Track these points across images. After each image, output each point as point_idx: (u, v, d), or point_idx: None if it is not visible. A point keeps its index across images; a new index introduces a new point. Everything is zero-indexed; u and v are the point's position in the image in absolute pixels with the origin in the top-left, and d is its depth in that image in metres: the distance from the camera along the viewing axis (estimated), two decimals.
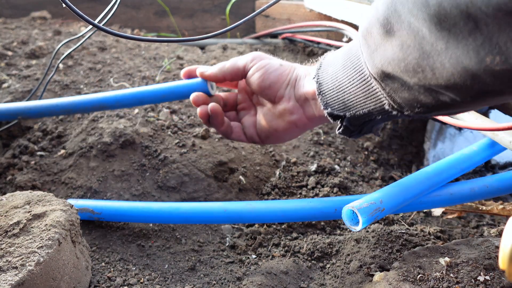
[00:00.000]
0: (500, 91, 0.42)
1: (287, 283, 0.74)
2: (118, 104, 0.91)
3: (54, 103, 0.92)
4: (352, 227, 0.66)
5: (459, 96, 0.45)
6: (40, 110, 0.93)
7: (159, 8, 1.81)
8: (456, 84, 0.43)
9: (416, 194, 0.74)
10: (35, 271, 0.57)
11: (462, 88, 0.43)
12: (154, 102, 0.93)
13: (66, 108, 0.92)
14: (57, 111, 0.93)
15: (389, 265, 0.72)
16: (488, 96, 0.44)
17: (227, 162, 0.99)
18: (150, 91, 0.90)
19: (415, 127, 1.18)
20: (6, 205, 0.69)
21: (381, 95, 0.53)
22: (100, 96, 0.91)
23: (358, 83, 0.55)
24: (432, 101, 0.48)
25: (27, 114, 0.93)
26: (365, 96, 0.55)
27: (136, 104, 0.92)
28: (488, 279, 0.60)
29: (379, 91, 0.53)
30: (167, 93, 0.89)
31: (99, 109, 0.92)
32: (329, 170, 1.03)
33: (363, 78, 0.54)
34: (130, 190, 0.92)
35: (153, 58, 1.40)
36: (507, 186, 0.80)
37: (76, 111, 0.93)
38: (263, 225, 0.91)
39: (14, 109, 0.94)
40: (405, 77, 0.48)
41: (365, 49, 0.52)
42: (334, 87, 0.59)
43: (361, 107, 0.57)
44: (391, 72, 0.49)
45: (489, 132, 0.83)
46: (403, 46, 0.46)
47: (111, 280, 0.75)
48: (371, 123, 0.60)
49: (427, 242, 0.77)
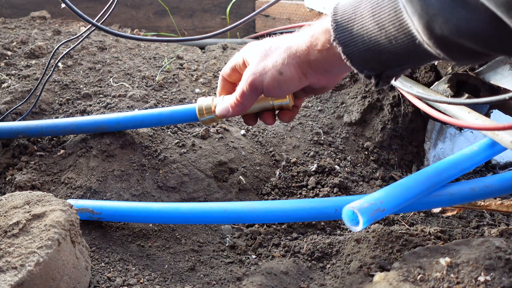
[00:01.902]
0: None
1: (287, 283, 0.74)
2: (119, 126, 0.94)
3: (55, 123, 0.95)
4: (352, 227, 0.66)
5: None
6: (41, 130, 0.96)
7: (159, 8, 1.81)
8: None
9: (417, 194, 0.74)
10: (35, 271, 0.57)
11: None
12: (155, 125, 0.96)
13: (67, 128, 0.95)
14: (58, 131, 0.96)
15: (389, 265, 0.71)
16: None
17: (227, 162, 0.99)
18: (151, 115, 0.93)
19: (415, 127, 1.17)
20: (5, 205, 0.69)
21: (431, 51, 0.50)
22: (101, 118, 0.94)
23: (402, 43, 0.51)
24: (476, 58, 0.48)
25: (27, 133, 0.96)
26: (408, 54, 0.52)
27: (137, 127, 0.95)
28: (489, 279, 0.59)
29: (430, 49, 0.49)
30: (167, 117, 0.91)
31: (100, 130, 0.94)
32: (329, 170, 1.03)
33: (410, 40, 0.50)
34: (130, 190, 0.92)
35: (152, 58, 1.40)
36: (507, 186, 0.80)
37: (77, 131, 0.95)
38: (263, 225, 0.91)
39: (15, 128, 0.97)
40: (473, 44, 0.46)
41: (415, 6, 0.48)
42: (368, 48, 0.54)
43: (403, 62, 0.54)
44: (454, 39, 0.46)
45: (490, 132, 0.83)
46: None
47: (111, 280, 0.75)
48: (406, 70, 0.58)
49: (428, 242, 0.77)
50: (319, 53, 0.61)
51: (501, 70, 0.90)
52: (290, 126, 1.15)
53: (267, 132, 1.11)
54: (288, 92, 0.68)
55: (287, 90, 0.67)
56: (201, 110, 0.77)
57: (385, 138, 1.17)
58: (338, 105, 1.23)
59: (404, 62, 0.54)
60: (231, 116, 0.73)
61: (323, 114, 1.22)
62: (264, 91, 0.67)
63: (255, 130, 1.10)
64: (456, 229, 0.92)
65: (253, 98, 0.70)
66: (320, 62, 0.62)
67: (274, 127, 1.13)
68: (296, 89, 0.67)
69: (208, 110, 0.77)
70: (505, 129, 0.66)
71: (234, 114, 0.73)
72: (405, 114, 1.16)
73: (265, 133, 1.10)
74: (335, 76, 0.68)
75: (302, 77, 0.65)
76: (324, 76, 0.65)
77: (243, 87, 0.68)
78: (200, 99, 0.79)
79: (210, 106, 0.77)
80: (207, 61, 1.42)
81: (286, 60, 0.64)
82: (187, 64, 1.36)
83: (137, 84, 1.19)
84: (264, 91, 0.67)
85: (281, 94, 0.68)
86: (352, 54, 0.55)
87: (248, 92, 0.68)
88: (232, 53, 1.49)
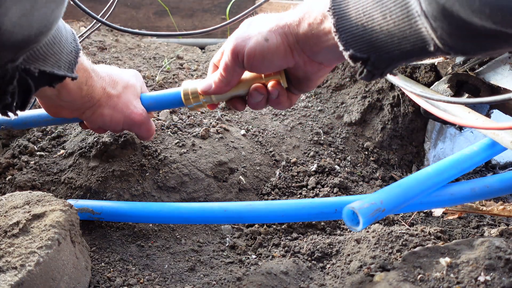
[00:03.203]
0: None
1: (287, 283, 0.74)
2: None
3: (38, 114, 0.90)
4: (352, 227, 0.66)
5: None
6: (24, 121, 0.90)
7: (159, 7, 1.81)
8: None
9: (417, 194, 0.74)
10: (35, 271, 0.57)
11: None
12: None
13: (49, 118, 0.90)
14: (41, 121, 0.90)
15: (389, 265, 0.71)
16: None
17: (227, 162, 0.99)
18: None
19: (415, 127, 1.17)
20: (5, 205, 0.69)
21: (426, 36, 0.45)
22: None
23: (396, 20, 0.46)
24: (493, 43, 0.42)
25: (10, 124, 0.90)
26: (402, 36, 0.47)
27: None
28: (489, 279, 0.59)
29: (424, 31, 0.45)
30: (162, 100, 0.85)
31: None
32: (329, 170, 1.03)
33: (406, 15, 0.45)
34: (130, 190, 0.92)
35: (152, 58, 1.40)
36: (507, 186, 0.80)
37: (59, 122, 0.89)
38: (263, 225, 0.91)
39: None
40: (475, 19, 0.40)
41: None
42: (360, 24, 0.49)
43: (393, 48, 0.48)
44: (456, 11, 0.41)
45: (490, 132, 0.83)
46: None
47: (111, 281, 0.75)
48: (398, 64, 0.51)
49: (428, 242, 0.77)
50: (309, 27, 0.57)
51: (501, 70, 0.90)
52: (290, 126, 1.15)
53: (267, 132, 1.11)
54: (272, 65, 0.62)
55: (271, 62, 0.61)
56: (186, 95, 0.72)
57: (385, 138, 1.17)
58: (338, 105, 1.23)
59: (395, 48, 0.49)
60: (215, 92, 0.68)
61: (323, 114, 1.22)
62: (245, 60, 0.62)
63: (255, 130, 1.10)
64: (456, 229, 0.92)
65: (237, 71, 0.64)
66: (309, 38, 0.58)
67: (274, 127, 1.13)
68: (280, 64, 0.62)
69: (195, 95, 0.71)
70: (505, 129, 0.66)
71: (218, 91, 0.67)
72: (405, 114, 1.16)
73: (265, 133, 1.10)
74: (320, 66, 0.62)
75: (288, 52, 0.60)
76: (310, 61, 0.61)
77: (225, 58, 0.64)
78: (185, 82, 0.73)
79: (196, 91, 0.71)
80: (207, 61, 1.42)
81: (273, 28, 0.60)
82: (187, 64, 1.36)
83: None
84: (245, 60, 0.62)
85: (264, 66, 0.62)
86: (343, 28, 0.51)
87: (230, 61, 0.63)
88: None
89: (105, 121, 0.77)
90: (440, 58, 0.95)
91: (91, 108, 0.75)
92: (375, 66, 0.51)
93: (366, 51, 0.51)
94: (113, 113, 0.76)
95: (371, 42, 0.50)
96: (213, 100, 0.71)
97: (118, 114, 0.76)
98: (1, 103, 0.53)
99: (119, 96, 0.77)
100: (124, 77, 0.80)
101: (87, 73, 0.70)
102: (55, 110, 0.76)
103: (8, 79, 0.51)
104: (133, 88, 0.80)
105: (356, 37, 0.50)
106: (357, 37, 0.50)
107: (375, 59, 0.50)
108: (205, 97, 0.71)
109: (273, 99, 0.68)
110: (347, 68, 1.26)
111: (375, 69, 0.52)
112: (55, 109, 0.75)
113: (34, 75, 0.54)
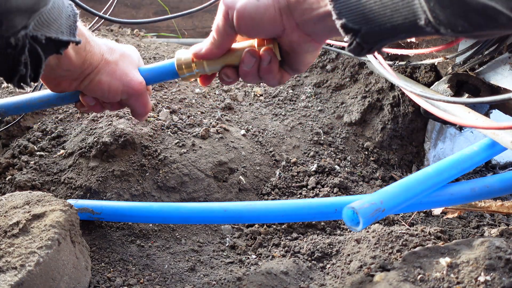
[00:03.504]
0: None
1: (287, 283, 0.74)
2: None
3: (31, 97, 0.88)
4: (352, 227, 0.66)
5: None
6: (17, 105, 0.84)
7: (159, 7, 1.81)
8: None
9: (417, 194, 0.74)
10: (35, 271, 0.57)
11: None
12: None
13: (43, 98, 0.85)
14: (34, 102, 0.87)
15: (389, 265, 0.71)
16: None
17: (227, 162, 0.99)
18: None
19: (415, 127, 1.17)
20: (5, 205, 0.69)
21: (418, 9, 0.45)
22: None
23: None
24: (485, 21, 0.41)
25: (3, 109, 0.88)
26: (394, 8, 0.47)
27: None
28: (489, 279, 0.59)
29: (417, 4, 0.45)
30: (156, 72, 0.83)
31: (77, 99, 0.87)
32: (329, 170, 1.03)
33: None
34: (130, 190, 0.92)
35: (152, 57, 1.40)
36: (507, 186, 0.80)
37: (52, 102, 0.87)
38: (263, 225, 0.91)
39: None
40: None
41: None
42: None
43: (385, 21, 0.48)
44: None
45: (490, 132, 0.83)
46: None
47: (111, 281, 0.75)
48: (387, 40, 0.51)
49: (428, 242, 0.77)
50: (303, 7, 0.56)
51: (501, 70, 0.90)
52: (290, 126, 1.15)
53: (267, 132, 1.11)
54: (261, 27, 0.61)
55: (260, 24, 0.60)
56: (179, 65, 0.71)
57: (385, 138, 1.17)
58: (338, 105, 1.23)
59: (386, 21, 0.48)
60: (206, 55, 0.67)
61: (323, 114, 1.22)
62: (235, 20, 0.61)
63: (255, 130, 1.10)
64: (456, 229, 0.92)
65: (228, 32, 0.64)
66: (301, 3, 0.57)
67: (274, 127, 1.13)
68: (269, 28, 0.61)
69: (188, 65, 0.71)
70: (505, 129, 0.66)
71: (209, 53, 0.67)
72: (405, 114, 1.16)
73: (265, 133, 1.10)
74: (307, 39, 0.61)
75: (277, 15, 0.60)
76: (298, 29, 0.60)
77: (217, 20, 0.64)
78: (178, 51, 0.73)
79: (189, 59, 0.71)
80: None
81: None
82: None
83: None
84: (235, 20, 0.61)
85: (253, 28, 0.61)
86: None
87: (221, 22, 0.62)
88: None
89: (103, 89, 0.74)
90: (440, 58, 0.95)
91: (89, 76, 0.73)
92: (365, 39, 0.51)
93: (358, 23, 0.50)
94: (111, 80, 0.74)
95: (364, 13, 0.49)
96: (206, 70, 0.70)
97: (116, 82, 0.75)
98: (16, 75, 0.54)
99: (116, 63, 0.75)
100: (121, 47, 0.79)
101: (85, 38, 0.68)
102: (55, 82, 0.74)
103: (20, 49, 0.52)
104: (130, 58, 0.78)
105: (351, 7, 0.50)
106: (351, 6, 0.50)
107: (365, 31, 0.50)
108: (198, 66, 0.70)
109: (264, 66, 0.67)
110: (347, 68, 1.26)
111: (364, 43, 0.51)
112: (55, 81, 0.74)
113: (42, 42, 0.54)
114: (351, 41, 0.52)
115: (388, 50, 1.00)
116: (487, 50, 0.88)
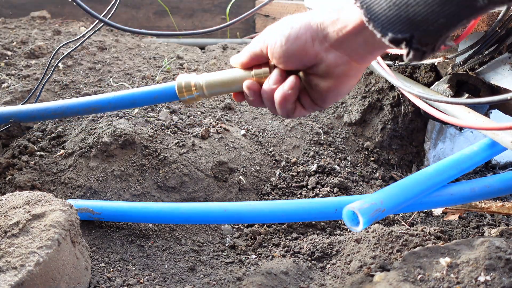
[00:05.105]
0: None
1: (287, 283, 0.74)
2: (110, 106, 0.90)
3: (45, 106, 0.90)
4: (352, 227, 0.66)
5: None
6: (31, 114, 0.89)
7: (159, 7, 1.81)
8: None
9: (417, 194, 0.74)
10: (35, 271, 0.57)
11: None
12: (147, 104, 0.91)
13: (57, 111, 0.89)
14: (48, 113, 0.90)
15: (389, 265, 0.71)
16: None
17: (227, 162, 0.99)
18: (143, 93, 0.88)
19: (415, 127, 1.17)
20: (5, 205, 0.69)
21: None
22: (92, 99, 0.89)
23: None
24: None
25: (18, 117, 0.90)
26: (441, 1, 0.44)
27: (128, 107, 0.91)
28: (489, 279, 0.59)
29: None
30: (160, 93, 0.87)
31: (91, 111, 0.90)
32: (329, 170, 1.03)
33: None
34: (130, 190, 0.92)
35: (152, 58, 1.40)
36: (507, 186, 0.80)
37: (67, 114, 0.90)
38: (263, 225, 0.91)
39: (5, 113, 0.92)
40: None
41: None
42: (392, 4, 0.47)
43: (437, 17, 0.46)
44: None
45: (490, 132, 0.83)
46: None
47: (111, 281, 0.75)
48: (448, 32, 0.48)
49: (428, 242, 0.77)
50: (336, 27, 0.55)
51: (501, 70, 0.90)
52: (290, 126, 1.15)
53: (267, 132, 1.11)
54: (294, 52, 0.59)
55: (295, 49, 0.59)
56: (180, 88, 0.73)
57: (385, 138, 1.17)
58: (338, 105, 1.23)
59: (438, 17, 0.46)
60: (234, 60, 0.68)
61: (323, 114, 1.22)
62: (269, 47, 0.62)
63: (255, 130, 1.10)
64: (456, 229, 0.92)
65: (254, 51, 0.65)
66: (335, 23, 0.55)
67: (274, 127, 1.13)
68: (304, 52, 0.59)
69: (188, 88, 0.73)
70: (505, 129, 0.66)
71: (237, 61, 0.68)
72: (405, 114, 1.16)
73: (265, 133, 1.10)
74: (347, 60, 0.58)
75: (309, 43, 0.58)
76: (335, 51, 0.58)
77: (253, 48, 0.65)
78: (180, 76, 0.75)
79: (189, 83, 0.73)
80: (207, 61, 1.42)
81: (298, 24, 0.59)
82: (187, 64, 1.36)
83: (137, 84, 1.19)
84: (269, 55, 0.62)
85: (286, 53, 0.60)
86: (375, 14, 0.49)
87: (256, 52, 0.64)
88: (232, 52, 1.49)
89: None
90: (440, 58, 0.95)
91: None
92: (422, 42, 0.48)
93: (406, 30, 0.48)
94: None
95: (409, 19, 0.47)
96: (205, 94, 0.72)
97: None
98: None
99: None
100: None
101: None
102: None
103: None
104: None
105: (392, 19, 0.48)
106: (392, 18, 0.48)
107: (420, 35, 0.48)
108: (198, 90, 0.72)
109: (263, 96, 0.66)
110: None
111: (424, 46, 0.49)
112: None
113: None
114: (407, 51, 0.50)
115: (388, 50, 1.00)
116: (487, 50, 0.88)
